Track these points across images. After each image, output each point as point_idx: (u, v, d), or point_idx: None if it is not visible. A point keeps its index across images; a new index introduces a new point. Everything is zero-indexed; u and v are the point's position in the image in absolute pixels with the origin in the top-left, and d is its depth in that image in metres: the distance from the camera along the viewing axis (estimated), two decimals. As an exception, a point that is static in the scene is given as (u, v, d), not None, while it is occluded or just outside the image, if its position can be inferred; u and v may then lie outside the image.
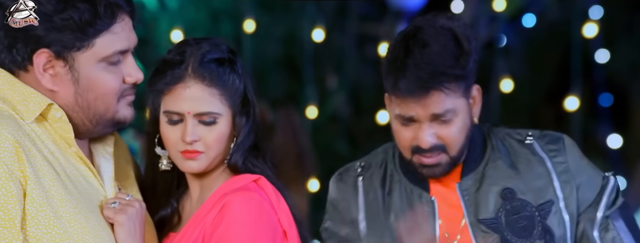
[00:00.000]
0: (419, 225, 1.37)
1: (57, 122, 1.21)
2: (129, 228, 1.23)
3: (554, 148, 1.38)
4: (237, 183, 1.32)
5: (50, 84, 1.21)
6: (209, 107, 1.31)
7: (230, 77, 1.31)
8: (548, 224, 1.33)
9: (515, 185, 1.36)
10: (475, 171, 1.38)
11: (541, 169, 1.36)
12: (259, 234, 1.27)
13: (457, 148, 1.36)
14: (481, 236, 1.34)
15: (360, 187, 1.43)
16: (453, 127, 1.35)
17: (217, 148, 1.32)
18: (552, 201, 1.35)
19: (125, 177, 1.34)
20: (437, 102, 1.35)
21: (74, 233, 1.18)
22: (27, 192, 1.17)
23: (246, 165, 1.32)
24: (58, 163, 1.21)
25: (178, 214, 1.37)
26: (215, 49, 1.33)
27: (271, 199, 1.31)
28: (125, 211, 1.24)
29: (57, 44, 1.19)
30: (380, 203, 1.41)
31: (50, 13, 1.18)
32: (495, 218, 1.35)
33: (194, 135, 1.31)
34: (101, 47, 1.21)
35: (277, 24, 3.63)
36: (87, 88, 1.22)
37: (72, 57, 1.20)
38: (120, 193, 1.27)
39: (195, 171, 1.33)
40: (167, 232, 1.37)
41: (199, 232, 1.29)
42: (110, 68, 1.23)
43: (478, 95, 1.39)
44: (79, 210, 1.20)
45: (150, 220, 1.34)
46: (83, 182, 1.23)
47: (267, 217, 1.29)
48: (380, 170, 1.43)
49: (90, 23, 1.19)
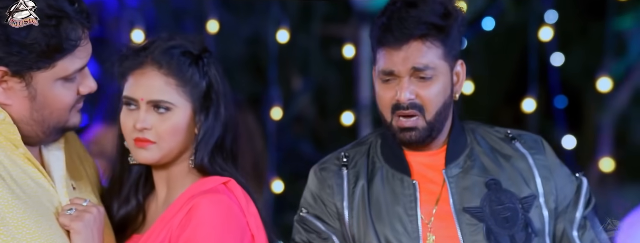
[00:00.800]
0: (401, 210, 1.38)
1: (1, 124, 1.20)
2: (86, 236, 1.22)
3: (533, 146, 1.40)
4: (206, 185, 1.31)
5: (2, 97, 1.20)
6: (163, 95, 1.29)
7: (190, 70, 1.30)
8: (530, 217, 1.35)
9: (499, 177, 1.38)
10: (459, 159, 1.39)
11: (523, 164, 1.38)
12: (227, 237, 1.27)
13: (433, 112, 1.37)
14: (465, 224, 1.35)
15: (345, 176, 1.43)
16: (432, 87, 1.36)
17: (169, 140, 1.30)
18: (534, 195, 1.37)
19: (78, 175, 1.32)
20: (417, 54, 1.35)
21: (23, 239, 1.16)
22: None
23: (214, 167, 1.32)
24: (2, 167, 1.19)
25: (143, 213, 1.35)
26: (185, 43, 1.32)
27: (240, 202, 1.31)
28: (82, 218, 1.22)
29: (16, 64, 1.18)
30: (365, 191, 1.42)
31: (12, 35, 1.16)
32: (480, 207, 1.36)
33: (144, 122, 1.29)
34: (62, 67, 1.21)
35: (241, 24, 3.62)
36: (43, 104, 1.21)
37: (30, 76, 1.20)
38: (77, 199, 1.26)
39: (148, 162, 1.31)
40: (130, 233, 1.35)
41: (166, 234, 1.28)
42: (67, 84, 1.23)
43: (462, 72, 1.40)
44: (28, 214, 1.18)
45: (109, 224, 1.33)
46: (32, 185, 1.22)
47: (235, 220, 1.29)
48: (364, 159, 1.43)
49: (56, 48, 1.19)
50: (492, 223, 1.36)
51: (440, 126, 1.40)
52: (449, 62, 1.39)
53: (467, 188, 1.38)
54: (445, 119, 1.40)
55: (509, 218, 1.35)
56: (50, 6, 1.19)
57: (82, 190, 1.31)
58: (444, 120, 1.40)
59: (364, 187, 1.42)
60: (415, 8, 1.38)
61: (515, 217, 1.35)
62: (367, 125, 4.04)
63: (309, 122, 3.94)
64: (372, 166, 1.42)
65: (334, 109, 3.77)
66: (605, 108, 3.44)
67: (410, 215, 1.37)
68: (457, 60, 1.41)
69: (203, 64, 1.31)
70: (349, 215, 1.41)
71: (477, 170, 1.39)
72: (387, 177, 1.41)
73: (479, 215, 1.36)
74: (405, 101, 1.38)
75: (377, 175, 1.41)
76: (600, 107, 3.46)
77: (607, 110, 3.43)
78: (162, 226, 1.29)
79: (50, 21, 1.18)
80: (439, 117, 1.38)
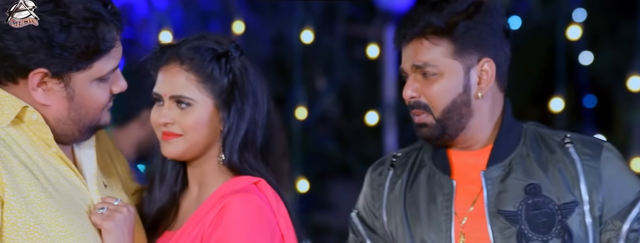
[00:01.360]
0: (438, 208, 1.37)
1: (34, 124, 1.22)
2: (117, 236, 1.23)
3: (589, 152, 1.37)
4: (237, 184, 1.31)
5: (42, 98, 1.22)
6: (183, 91, 1.31)
7: (211, 65, 1.30)
8: (568, 224, 1.33)
9: (541, 182, 1.36)
10: (503, 162, 1.37)
11: (571, 170, 1.36)
12: (258, 237, 1.27)
13: (439, 109, 1.36)
14: (497, 227, 1.34)
15: (389, 176, 1.44)
16: (435, 85, 1.35)
17: (193, 134, 1.31)
18: (576, 202, 1.34)
19: (109, 173, 1.33)
20: (416, 53, 1.35)
21: (56, 237, 1.18)
22: (4, 199, 1.16)
23: (243, 165, 1.32)
24: (36, 166, 1.20)
25: (176, 210, 1.36)
26: (213, 42, 1.33)
27: (271, 202, 1.31)
28: (113, 217, 1.24)
29: (57, 66, 1.20)
30: (403, 190, 1.42)
31: (55, 38, 1.18)
32: (515, 211, 1.34)
33: (166, 117, 1.31)
34: (98, 68, 1.23)
35: (266, 25, 3.63)
36: (80, 104, 1.23)
37: (68, 77, 1.21)
38: (108, 198, 1.27)
39: (172, 156, 1.32)
40: (162, 230, 1.36)
41: (198, 233, 1.28)
42: (101, 84, 1.25)
43: (489, 71, 1.37)
44: (61, 212, 1.20)
45: (140, 222, 1.34)
46: (65, 183, 1.23)
47: (266, 220, 1.28)
48: (413, 158, 1.44)
49: (94, 50, 1.21)
50: (526, 227, 1.34)
51: (457, 124, 1.37)
52: (463, 60, 1.37)
53: (505, 191, 1.36)
54: (463, 118, 1.37)
55: (544, 223, 1.33)
56: (87, 9, 1.20)
57: (113, 187, 1.32)
58: (460, 119, 1.37)
59: (403, 186, 1.42)
60: (423, 6, 1.37)
61: (551, 222, 1.34)
62: (391, 125, 4.02)
63: (333, 122, 3.94)
64: (419, 165, 1.42)
65: (358, 108, 3.76)
66: (636, 107, 3.37)
67: (445, 214, 1.36)
68: (481, 58, 1.38)
69: (226, 60, 1.32)
70: (387, 214, 1.42)
71: (519, 173, 1.37)
72: (429, 176, 1.41)
73: (512, 219, 1.34)
74: (406, 98, 1.38)
75: (422, 173, 1.41)
76: (631, 107, 3.39)
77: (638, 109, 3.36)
78: (194, 224, 1.29)
79: (87, 24, 1.20)
80: (449, 114, 1.36)
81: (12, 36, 1.18)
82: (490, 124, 1.40)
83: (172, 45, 1.35)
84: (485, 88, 1.38)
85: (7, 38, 1.19)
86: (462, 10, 1.37)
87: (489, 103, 1.40)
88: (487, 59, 1.38)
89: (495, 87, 1.40)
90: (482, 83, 1.38)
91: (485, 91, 1.38)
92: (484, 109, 1.40)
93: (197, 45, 1.32)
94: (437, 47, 1.36)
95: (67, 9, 1.19)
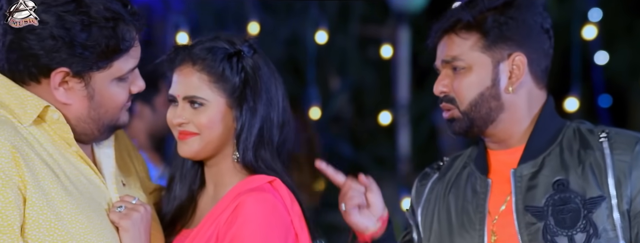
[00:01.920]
0: (473, 206, 1.38)
1: (55, 123, 1.23)
2: (134, 234, 1.24)
3: (621, 146, 1.34)
4: (252, 183, 1.32)
5: (64, 97, 1.23)
6: (196, 91, 1.31)
7: (222, 65, 1.31)
8: (593, 219, 1.32)
9: (570, 177, 1.35)
10: (535, 160, 1.36)
11: (600, 164, 1.34)
12: (272, 235, 1.27)
13: (466, 102, 1.36)
14: (524, 223, 1.33)
15: (430, 180, 1.45)
16: (464, 79, 1.36)
17: (208, 132, 1.31)
18: (603, 197, 1.32)
19: (127, 172, 1.34)
20: (446, 48, 1.36)
21: (76, 233, 1.19)
22: (26, 196, 1.18)
23: (258, 164, 1.32)
24: (57, 165, 1.21)
25: (193, 208, 1.37)
26: (226, 42, 1.33)
27: (285, 201, 1.31)
28: (130, 216, 1.24)
29: (78, 65, 1.21)
30: (444, 190, 1.43)
31: (76, 38, 1.20)
32: (542, 206, 1.33)
33: (180, 117, 1.32)
34: (118, 68, 1.24)
35: (280, 26, 3.63)
36: (100, 103, 1.24)
37: (89, 76, 1.22)
38: (127, 196, 1.28)
39: (188, 155, 1.33)
40: (179, 228, 1.36)
41: (213, 231, 1.29)
42: (121, 84, 1.26)
43: (520, 66, 1.36)
44: (81, 210, 1.21)
45: (158, 220, 1.34)
46: (84, 181, 1.24)
47: (280, 219, 1.29)
48: (460, 161, 1.45)
49: (114, 49, 1.22)
50: (551, 222, 1.32)
51: (485, 117, 1.36)
52: (492, 54, 1.36)
53: (534, 187, 1.35)
54: (492, 111, 1.36)
55: (569, 218, 1.32)
56: (108, 9, 1.21)
57: (132, 186, 1.33)
58: (489, 112, 1.36)
59: (444, 187, 1.42)
60: (460, 4, 1.38)
61: (576, 217, 1.32)
62: (404, 125, 4.00)
63: (346, 122, 3.93)
64: (462, 167, 1.43)
65: (372, 108, 3.75)
66: (652, 107, 3.31)
67: (479, 212, 1.36)
68: (512, 53, 1.36)
69: (238, 59, 1.32)
70: (422, 213, 1.44)
71: (549, 169, 1.35)
72: (469, 176, 1.41)
73: (539, 215, 1.33)
74: (436, 93, 1.38)
75: (463, 174, 1.42)
76: (646, 106, 3.34)
77: (654, 109, 3.30)
78: (210, 222, 1.30)
79: (108, 23, 1.21)
80: (476, 107, 1.36)
81: (36, 36, 1.19)
82: (526, 120, 1.38)
83: (185, 46, 1.35)
84: (515, 82, 1.36)
85: (31, 38, 1.19)
86: (494, 6, 1.36)
87: (524, 99, 1.38)
88: (519, 53, 1.37)
89: (530, 83, 1.38)
90: (513, 77, 1.36)
91: (516, 86, 1.36)
92: (518, 104, 1.38)
93: (209, 46, 1.33)
94: (466, 41, 1.36)
95: (89, 8, 1.20)
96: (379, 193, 1.37)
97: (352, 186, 1.35)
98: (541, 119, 1.38)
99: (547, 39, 1.40)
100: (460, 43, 1.36)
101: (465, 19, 1.36)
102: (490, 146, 1.41)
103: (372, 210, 1.36)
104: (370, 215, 1.36)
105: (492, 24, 1.35)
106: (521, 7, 1.36)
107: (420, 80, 3.95)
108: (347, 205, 1.34)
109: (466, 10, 1.37)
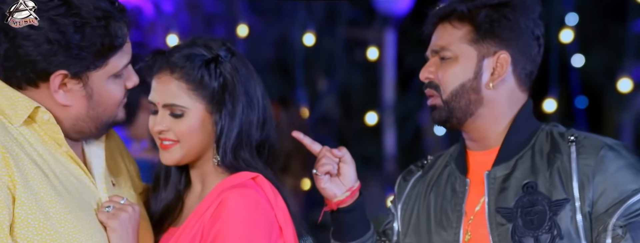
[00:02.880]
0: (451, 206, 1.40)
1: (46, 124, 1.22)
2: (121, 234, 1.24)
3: (587, 151, 1.35)
4: (234, 180, 1.32)
5: (64, 100, 1.23)
6: (175, 99, 1.31)
7: (200, 72, 1.31)
8: (557, 220, 1.34)
9: (538, 180, 1.37)
10: (508, 162, 1.38)
11: (566, 168, 1.35)
12: (256, 230, 1.27)
13: (448, 91, 1.37)
14: (495, 224, 1.36)
15: (415, 176, 1.47)
16: (449, 69, 1.37)
17: (188, 140, 1.32)
18: (567, 199, 1.34)
19: (118, 172, 1.34)
20: (438, 37, 1.38)
21: (65, 233, 1.18)
22: (16, 196, 1.17)
23: (239, 162, 1.33)
24: (47, 165, 1.21)
25: (180, 206, 1.38)
26: (203, 47, 1.32)
27: (268, 196, 1.31)
28: (118, 216, 1.24)
29: (76, 66, 1.21)
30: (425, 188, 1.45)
31: (72, 40, 1.20)
32: (512, 208, 1.35)
33: (160, 125, 1.32)
34: (113, 65, 1.25)
35: (269, 28, 3.64)
36: (98, 102, 1.24)
37: (86, 76, 1.22)
38: (115, 196, 1.27)
39: (169, 163, 1.34)
40: (167, 226, 1.37)
41: (198, 228, 1.30)
42: (116, 80, 1.27)
43: (503, 64, 1.37)
44: (70, 209, 1.20)
45: (147, 219, 1.35)
46: (74, 181, 1.23)
47: (263, 213, 1.28)
48: (443, 160, 1.45)
49: (109, 47, 1.23)
50: (519, 224, 1.35)
51: (464, 109, 1.37)
52: (479, 48, 1.37)
53: (506, 189, 1.37)
54: (471, 104, 1.37)
55: (535, 220, 1.34)
56: (97, 8, 1.20)
57: (122, 186, 1.33)
58: (469, 104, 1.37)
59: (425, 186, 1.45)
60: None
61: (541, 219, 1.34)
62: (390, 125, 4.03)
63: (334, 122, 3.95)
64: (444, 166, 1.45)
65: (358, 109, 3.77)
66: (626, 108, 3.37)
67: (457, 211, 1.39)
68: (498, 51, 1.37)
69: (215, 65, 1.31)
70: (402, 209, 1.45)
71: (520, 172, 1.37)
72: (449, 175, 1.43)
73: (508, 216, 1.35)
74: (422, 78, 1.40)
75: (444, 173, 1.44)
76: (620, 107, 3.40)
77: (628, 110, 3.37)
78: (195, 220, 1.31)
79: (100, 22, 1.20)
80: (456, 98, 1.37)
81: (32, 42, 1.19)
82: (504, 120, 1.39)
83: (163, 53, 1.34)
84: (496, 79, 1.36)
85: (27, 44, 1.19)
86: (491, 3, 1.38)
87: (504, 98, 1.37)
88: (504, 52, 1.35)
89: (512, 83, 1.37)
90: (495, 74, 1.35)
91: (496, 83, 1.36)
92: (498, 102, 1.37)
93: (187, 53, 1.32)
94: (458, 31, 1.37)
95: (79, 9, 1.20)
96: (352, 165, 1.39)
97: (326, 154, 1.37)
98: (517, 121, 1.39)
99: (537, 45, 1.40)
100: (452, 32, 1.37)
101: (460, 9, 1.37)
102: (469, 146, 1.43)
103: (342, 179, 1.37)
104: (340, 184, 1.37)
105: (484, 19, 1.36)
106: (516, 9, 1.37)
107: (406, 81, 3.99)
108: (318, 170, 1.36)
109: (464, 2, 1.38)
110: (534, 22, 1.39)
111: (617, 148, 1.37)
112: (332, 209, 1.39)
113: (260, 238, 1.27)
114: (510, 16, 1.37)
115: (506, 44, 1.38)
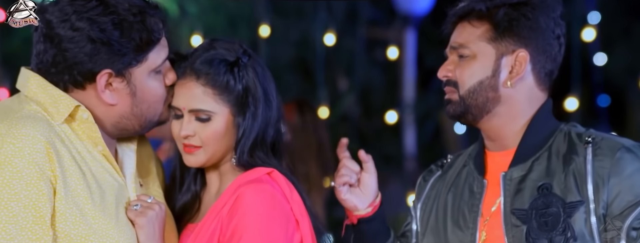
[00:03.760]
0: (468, 206, 1.39)
1: (85, 123, 1.25)
2: (149, 231, 1.26)
3: (603, 152, 1.33)
4: (250, 175, 1.33)
5: (110, 99, 1.25)
6: (202, 104, 1.32)
7: (226, 77, 1.32)
8: (571, 222, 1.32)
9: (554, 181, 1.35)
10: (524, 163, 1.36)
11: (581, 170, 1.33)
12: (273, 223, 1.27)
13: (465, 87, 1.36)
14: (510, 225, 1.35)
15: (434, 176, 1.46)
16: (467, 66, 1.36)
17: (213, 144, 1.33)
18: (582, 201, 1.32)
19: (146, 173, 1.36)
20: (456, 35, 1.38)
21: (99, 229, 1.22)
22: (56, 190, 1.20)
23: (255, 160, 1.32)
24: (84, 162, 1.24)
25: (198, 204, 1.39)
26: (223, 50, 1.33)
27: (284, 190, 1.32)
28: (146, 214, 1.26)
29: (119, 63, 1.23)
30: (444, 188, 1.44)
31: (112, 37, 1.22)
32: (527, 209, 1.34)
33: (187, 130, 1.33)
34: (152, 60, 1.26)
35: (290, 28, 3.65)
36: (141, 99, 1.26)
37: (129, 73, 1.25)
38: (143, 195, 1.29)
39: (194, 165, 1.35)
40: (185, 222, 1.39)
41: (217, 223, 1.31)
42: (157, 76, 1.27)
43: (522, 63, 1.35)
44: (102, 207, 1.23)
45: (171, 215, 1.37)
46: (109, 179, 1.26)
47: (280, 207, 1.29)
48: (462, 159, 1.44)
49: (147, 41, 1.24)
50: (533, 225, 1.33)
51: (481, 106, 1.36)
52: (497, 46, 1.35)
53: (522, 190, 1.35)
54: (489, 101, 1.35)
55: (549, 222, 1.32)
56: (132, 5, 1.23)
57: (149, 186, 1.35)
58: (485, 102, 1.35)
59: (444, 186, 1.43)
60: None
61: (555, 221, 1.32)
62: (410, 124, 4.01)
63: (354, 121, 3.95)
64: (463, 166, 1.44)
65: (378, 108, 3.76)
66: (649, 106, 3.31)
67: (474, 212, 1.38)
68: (516, 49, 1.35)
69: (238, 69, 1.32)
70: (421, 209, 1.45)
71: (536, 174, 1.35)
72: (468, 175, 1.42)
73: (523, 218, 1.34)
74: (440, 76, 1.39)
75: (463, 173, 1.43)
76: (643, 106, 3.33)
77: (651, 108, 3.30)
78: (213, 216, 1.31)
79: (136, 18, 1.23)
80: (474, 95, 1.35)
81: (75, 44, 1.22)
82: (521, 119, 1.37)
83: (184, 57, 1.34)
84: (515, 77, 1.35)
85: (71, 47, 1.22)
86: (510, 2, 1.36)
87: (522, 97, 1.35)
88: (523, 51, 1.34)
89: (531, 82, 1.35)
90: (513, 72, 1.34)
91: (515, 81, 1.34)
92: (516, 100, 1.35)
93: (210, 58, 1.32)
94: (476, 29, 1.36)
95: (116, 8, 1.23)
96: (373, 174, 1.37)
97: (346, 164, 1.36)
98: (534, 120, 1.37)
99: (557, 45, 1.38)
100: (471, 31, 1.36)
101: (479, 8, 1.36)
102: (488, 146, 1.41)
103: (363, 189, 1.37)
104: (360, 194, 1.37)
105: (503, 17, 1.35)
106: (536, 8, 1.35)
107: (426, 80, 3.96)
108: (336, 182, 1.36)
109: (483, 0, 1.37)
110: (554, 21, 1.37)
111: (635, 150, 1.34)
112: (352, 222, 1.38)
113: (277, 232, 1.27)
114: (529, 15, 1.35)
115: (525, 42, 1.35)
